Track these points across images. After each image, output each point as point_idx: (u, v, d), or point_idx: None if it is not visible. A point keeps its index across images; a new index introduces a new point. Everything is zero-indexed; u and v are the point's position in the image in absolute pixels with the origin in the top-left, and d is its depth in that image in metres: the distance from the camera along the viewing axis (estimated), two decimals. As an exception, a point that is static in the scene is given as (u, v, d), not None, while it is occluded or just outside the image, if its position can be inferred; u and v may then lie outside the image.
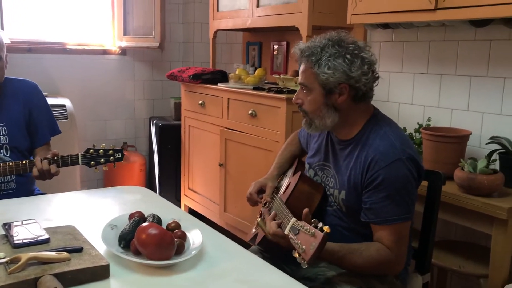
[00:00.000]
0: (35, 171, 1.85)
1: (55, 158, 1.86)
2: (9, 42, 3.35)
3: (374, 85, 1.54)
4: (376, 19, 2.21)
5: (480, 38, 2.16)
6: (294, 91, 2.54)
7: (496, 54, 2.11)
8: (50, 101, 3.22)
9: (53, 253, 1.14)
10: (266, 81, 3.17)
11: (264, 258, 1.49)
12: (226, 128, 3.00)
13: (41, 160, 1.85)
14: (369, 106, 1.57)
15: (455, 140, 2.06)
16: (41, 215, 1.57)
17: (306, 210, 1.33)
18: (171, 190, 3.80)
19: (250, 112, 2.75)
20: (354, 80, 1.46)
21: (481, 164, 1.84)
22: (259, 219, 1.52)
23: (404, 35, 2.50)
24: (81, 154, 1.90)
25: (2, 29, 3.30)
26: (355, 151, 1.52)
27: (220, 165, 3.06)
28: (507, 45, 2.06)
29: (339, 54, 1.46)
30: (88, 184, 3.91)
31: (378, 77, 1.54)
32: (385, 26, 2.39)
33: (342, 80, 1.46)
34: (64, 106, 3.33)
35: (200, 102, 3.25)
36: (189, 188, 3.56)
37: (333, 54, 1.47)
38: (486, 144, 2.04)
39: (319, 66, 1.47)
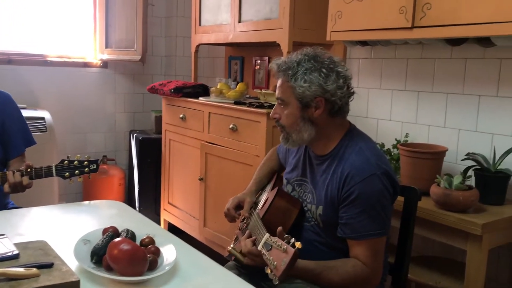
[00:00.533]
0: (6, 187, 1.80)
1: (28, 170, 1.82)
2: (-12, 53, 3.31)
3: (350, 100, 1.56)
4: (354, 36, 2.25)
5: (456, 57, 2.20)
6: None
7: (471, 72, 2.15)
8: (29, 113, 3.21)
9: (22, 269, 1.12)
10: (247, 96, 3.18)
11: (240, 274, 1.48)
12: (207, 142, 3.00)
13: (14, 173, 1.81)
14: (345, 121, 1.59)
15: (432, 156, 2.08)
16: (13, 230, 1.54)
17: (280, 228, 1.35)
18: (150, 204, 3.76)
19: (231, 126, 2.75)
20: (329, 94, 1.48)
21: (456, 180, 1.86)
22: (230, 247, 1.51)
23: (382, 52, 2.54)
24: (55, 166, 1.86)
25: (-19, 40, 3.26)
26: (332, 166, 1.53)
27: (200, 179, 3.04)
28: (481, 64, 2.10)
29: (315, 68, 1.49)
30: (66, 198, 3.85)
31: (353, 92, 1.56)
32: (364, 43, 2.43)
33: (318, 94, 1.48)
34: (43, 118, 3.29)
35: (181, 115, 3.24)
36: (168, 203, 3.53)
37: (309, 68, 1.49)
38: (462, 160, 2.07)
39: (295, 80, 1.50)
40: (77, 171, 1.86)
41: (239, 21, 2.96)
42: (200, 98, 3.10)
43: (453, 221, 1.80)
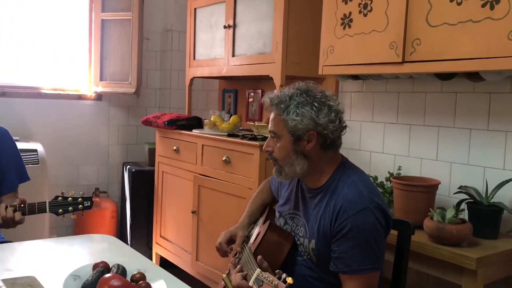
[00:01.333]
0: None
1: (22, 205, 1.81)
2: (-18, 86, 3.32)
3: (342, 133, 1.58)
4: (346, 71, 2.28)
5: (446, 91, 2.24)
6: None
7: (461, 106, 2.18)
8: (22, 145, 3.20)
9: (9, 307, 1.09)
10: (241, 128, 3.20)
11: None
12: (200, 174, 2.99)
13: (6, 208, 1.79)
14: (337, 155, 1.60)
15: (425, 190, 2.09)
16: (2, 265, 1.52)
17: (259, 257, 1.35)
18: (142, 237, 3.71)
19: (224, 158, 2.75)
20: (321, 127, 1.50)
21: (449, 213, 1.86)
22: (224, 276, 1.49)
23: (374, 86, 2.57)
24: (49, 202, 1.86)
25: (-24, 72, 3.28)
26: (324, 199, 1.53)
27: (193, 212, 3.02)
28: (472, 98, 2.14)
29: (307, 102, 1.51)
30: (57, 231, 3.80)
31: (345, 126, 1.58)
32: (356, 77, 2.47)
33: (310, 127, 1.50)
34: (35, 150, 3.27)
35: (175, 148, 3.24)
36: (161, 236, 3.49)
37: (301, 102, 1.51)
38: (455, 193, 2.07)
39: (287, 113, 1.51)
40: (70, 208, 1.85)
41: (233, 55, 3.00)
42: (194, 131, 3.11)
43: (447, 255, 1.79)
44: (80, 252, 1.76)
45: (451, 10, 1.78)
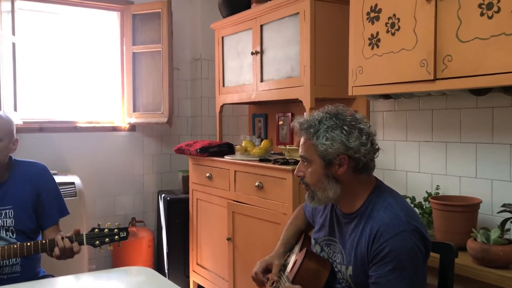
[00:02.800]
0: (56, 250, 1.86)
1: (78, 235, 1.89)
2: (21, 123, 3.44)
3: (375, 156, 1.54)
4: (376, 90, 2.25)
5: (481, 106, 2.17)
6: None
7: (499, 121, 2.11)
8: (60, 179, 3.28)
9: None
10: (272, 152, 3.19)
11: None
12: (233, 200, 2.98)
13: (63, 239, 1.87)
14: (371, 177, 1.56)
15: (466, 209, 2.01)
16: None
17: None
18: (179, 266, 3.71)
19: (256, 184, 2.74)
20: (352, 151, 1.47)
21: (494, 234, 1.78)
22: None
23: (406, 105, 2.53)
24: (86, 234, 1.90)
25: (15, 110, 3.40)
26: (360, 224, 1.49)
27: (228, 239, 3.01)
28: (509, 112, 2.06)
29: (337, 125, 1.49)
30: (95, 262, 3.84)
31: (378, 149, 1.55)
32: (387, 96, 2.43)
33: (341, 151, 1.47)
34: (73, 183, 3.35)
35: (208, 174, 3.26)
36: (197, 264, 3.48)
37: (331, 125, 1.49)
38: (498, 213, 1.99)
39: (317, 138, 1.49)
40: (107, 239, 1.88)
41: (261, 81, 3.02)
42: (226, 157, 3.12)
43: (495, 278, 1.71)
44: (119, 286, 1.76)
45: (482, 24, 1.74)
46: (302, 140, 1.57)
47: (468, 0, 1.78)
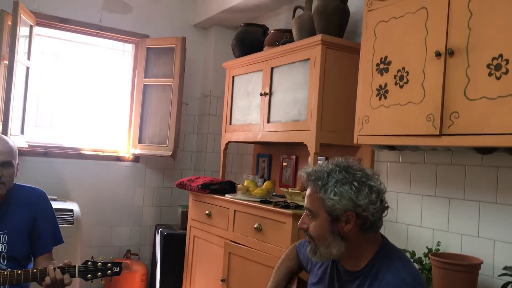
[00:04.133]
0: (47, 280, 1.83)
1: (70, 267, 1.86)
2: (27, 146, 3.45)
3: (384, 215, 1.49)
4: (382, 141, 2.24)
5: (486, 164, 2.15)
6: (301, 206, 2.51)
7: (504, 181, 2.08)
8: (59, 205, 3.25)
9: None
10: (274, 194, 3.16)
11: None
12: (231, 241, 2.94)
13: (54, 269, 1.83)
14: (377, 236, 1.51)
15: (466, 269, 1.96)
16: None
17: None
18: (171, 303, 3.63)
19: (255, 225, 2.71)
20: (361, 209, 1.42)
21: (494, 297, 1.73)
22: None
23: (411, 157, 2.51)
24: (79, 266, 1.88)
25: (22, 133, 3.42)
26: (364, 285, 1.44)
27: (223, 280, 2.94)
28: (515, 173, 2.04)
29: (346, 180, 1.44)
30: (86, 292, 3.77)
31: (387, 207, 1.50)
32: (392, 147, 2.42)
33: (349, 208, 1.42)
34: (71, 210, 3.32)
35: (207, 212, 3.22)
36: (189, 302, 3.41)
37: (340, 180, 1.44)
38: (499, 276, 1.93)
39: (325, 191, 1.44)
40: (99, 273, 1.86)
41: (268, 122, 3.03)
42: (227, 195, 3.09)
43: None
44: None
45: (490, 84, 1.74)
46: (308, 191, 1.51)
47: (477, 59, 1.79)
